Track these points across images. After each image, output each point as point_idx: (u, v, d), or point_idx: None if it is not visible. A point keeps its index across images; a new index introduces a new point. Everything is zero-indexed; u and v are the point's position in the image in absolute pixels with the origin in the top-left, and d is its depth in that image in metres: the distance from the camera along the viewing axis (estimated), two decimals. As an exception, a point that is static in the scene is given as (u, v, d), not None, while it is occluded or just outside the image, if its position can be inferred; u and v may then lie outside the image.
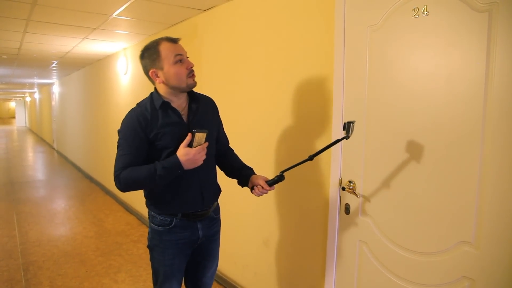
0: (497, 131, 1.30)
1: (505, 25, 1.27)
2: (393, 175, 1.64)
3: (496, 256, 1.33)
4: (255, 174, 1.77)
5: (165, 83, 1.59)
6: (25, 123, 26.34)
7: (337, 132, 1.87)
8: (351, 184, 1.81)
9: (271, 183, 1.65)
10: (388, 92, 1.64)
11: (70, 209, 5.26)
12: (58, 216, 4.91)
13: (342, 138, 1.51)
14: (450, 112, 1.43)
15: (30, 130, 21.75)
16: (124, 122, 1.59)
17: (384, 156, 1.67)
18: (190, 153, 1.50)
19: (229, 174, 1.86)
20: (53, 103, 11.80)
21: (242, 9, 2.60)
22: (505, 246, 1.30)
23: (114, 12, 3.06)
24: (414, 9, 1.52)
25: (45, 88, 13.71)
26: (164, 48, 1.56)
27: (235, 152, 1.95)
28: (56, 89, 11.05)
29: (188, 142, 1.51)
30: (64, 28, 3.68)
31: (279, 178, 1.63)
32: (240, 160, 1.89)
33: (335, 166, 1.90)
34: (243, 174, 1.77)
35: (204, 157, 1.55)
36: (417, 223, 1.55)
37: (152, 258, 1.72)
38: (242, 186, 1.79)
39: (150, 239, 1.71)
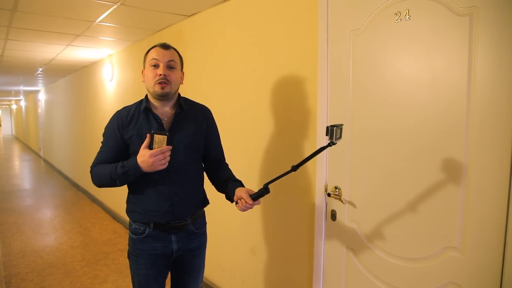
0: (481, 134, 1.30)
1: (486, 29, 1.27)
2: (378, 181, 1.62)
3: (482, 261, 1.32)
4: (242, 187, 1.63)
5: (145, 84, 1.63)
6: (11, 131, 25.97)
7: (322, 137, 1.85)
8: (337, 190, 1.80)
9: (255, 196, 1.49)
10: (372, 97, 1.63)
11: (55, 218, 5.15)
12: (43, 226, 4.80)
13: (327, 146, 1.33)
14: (434, 115, 1.42)
15: (17, 138, 21.41)
16: (108, 121, 1.66)
17: (369, 161, 1.66)
18: (145, 154, 1.46)
19: (218, 188, 1.75)
20: (39, 110, 11.64)
21: (226, 14, 2.58)
22: (491, 251, 1.29)
23: (97, 18, 3.02)
24: (396, 13, 1.52)
25: (31, 96, 13.52)
26: (151, 51, 1.60)
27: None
28: (42, 97, 10.90)
29: (147, 144, 1.48)
30: (47, 34, 3.62)
31: (263, 191, 1.47)
32: (230, 173, 1.75)
33: (320, 172, 1.88)
34: (229, 187, 1.64)
35: (163, 161, 1.48)
36: (403, 228, 1.54)
37: (130, 266, 1.71)
38: (231, 201, 1.64)
39: (128, 246, 1.71)
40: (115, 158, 1.60)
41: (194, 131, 1.66)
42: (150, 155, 1.45)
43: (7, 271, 3.38)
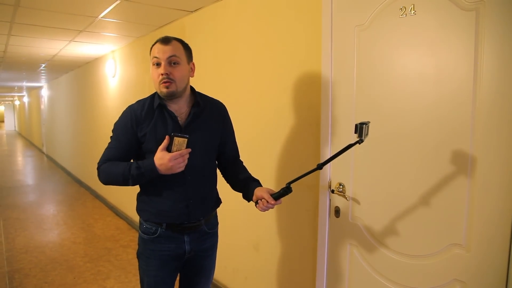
0: (487, 131, 1.29)
1: (492, 24, 1.26)
2: (382, 177, 1.61)
3: (487, 258, 1.31)
4: (260, 186, 1.60)
5: None
6: (14, 127, 26.04)
7: (325, 133, 1.84)
8: (341, 186, 1.79)
9: (277, 196, 1.46)
10: (376, 93, 1.62)
11: (58, 214, 5.17)
12: (46, 221, 4.82)
13: (356, 143, 1.29)
14: (439, 111, 1.41)
15: (20, 134, 21.47)
16: (120, 116, 1.57)
17: (373, 158, 1.65)
18: (164, 157, 1.40)
19: (234, 187, 1.70)
20: (42, 106, 11.65)
21: (229, 10, 2.56)
22: (496, 248, 1.28)
23: (100, 14, 3.01)
24: (401, 9, 1.51)
25: (34, 92, 13.54)
26: (153, 48, 1.51)
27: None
28: (45, 93, 10.91)
29: (165, 146, 1.41)
30: (50, 30, 3.61)
31: (286, 190, 1.45)
32: (247, 172, 1.71)
33: (324, 169, 1.87)
34: (246, 187, 1.60)
35: (182, 165, 1.42)
36: (408, 225, 1.53)
37: (139, 266, 1.64)
38: (248, 201, 1.61)
39: (138, 246, 1.64)
40: (126, 155, 1.53)
41: (211, 130, 1.61)
42: (170, 159, 1.39)
43: (11, 266, 3.39)
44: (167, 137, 1.41)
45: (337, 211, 1.81)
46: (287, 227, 2.18)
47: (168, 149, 1.41)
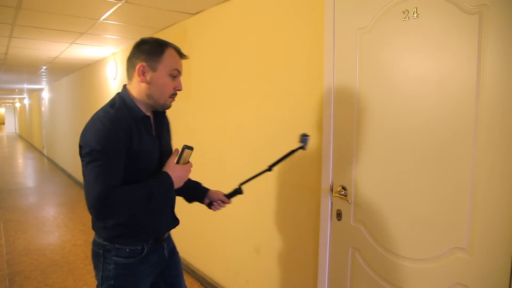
0: (490, 134, 1.28)
1: (496, 27, 1.25)
2: (385, 180, 1.61)
3: (490, 262, 1.30)
4: (206, 188, 1.65)
5: (148, 86, 1.35)
6: (15, 129, 26.04)
7: (328, 136, 1.84)
8: (343, 189, 1.78)
9: (230, 196, 1.60)
10: (378, 96, 1.61)
11: (59, 216, 5.16)
12: (47, 224, 4.81)
13: (298, 148, 1.53)
14: (441, 115, 1.40)
15: (20, 137, 21.48)
16: (101, 130, 1.23)
17: (376, 161, 1.64)
18: (181, 169, 1.35)
19: (180, 192, 1.62)
20: (43, 109, 11.67)
21: (231, 12, 2.57)
22: (499, 252, 1.28)
23: (102, 16, 3.01)
24: (404, 12, 1.50)
25: (35, 94, 13.55)
26: (169, 54, 1.36)
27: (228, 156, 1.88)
28: (46, 95, 10.92)
29: (176, 158, 1.37)
30: (51, 32, 3.62)
31: (237, 191, 1.59)
32: None
33: (326, 172, 1.86)
34: (198, 190, 1.63)
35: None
36: (410, 229, 1.52)
37: None
38: (190, 202, 1.65)
39: (113, 278, 1.36)
40: (121, 178, 1.27)
41: (168, 137, 1.57)
42: (186, 170, 1.38)
43: (11, 269, 3.38)
44: (176, 149, 1.39)
45: (338, 214, 1.81)
46: (288, 230, 2.18)
47: (177, 161, 1.38)
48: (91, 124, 1.28)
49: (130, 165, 1.29)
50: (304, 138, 1.54)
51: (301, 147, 1.54)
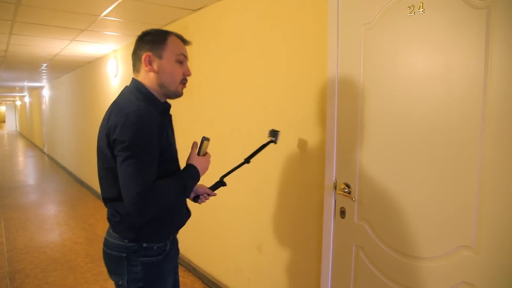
0: (497, 132, 1.26)
1: (504, 22, 1.23)
2: (390, 177, 1.59)
3: (497, 260, 1.28)
4: None
5: (157, 75, 1.34)
6: (16, 127, 26.05)
7: (331, 133, 1.82)
8: (347, 187, 1.76)
9: (214, 188, 1.65)
10: (383, 92, 1.59)
11: (59, 214, 5.15)
12: (47, 221, 4.80)
13: (269, 142, 1.79)
14: (448, 111, 1.38)
15: (21, 135, 21.47)
16: (138, 124, 1.20)
17: (381, 158, 1.62)
18: (205, 160, 1.43)
19: None
20: (44, 106, 11.65)
21: (233, 9, 2.54)
22: (507, 250, 1.26)
23: (102, 12, 2.99)
24: (409, 7, 1.48)
25: (35, 92, 13.53)
26: (172, 41, 1.37)
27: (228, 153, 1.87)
28: (46, 93, 10.90)
29: (197, 150, 1.43)
30: (52, 29, 3.59)
31: (220, 183, 1.67)
32: None
33: (329, 169, 1.84)
34: None
35: None
36: (415, 227, 1.50)
37: None
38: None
39: (142, 280, 1.34)
40: (156, 173, 1.26)
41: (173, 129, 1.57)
42: (208, 161, 1.44)
43: (11, 267, 3.37)
44: (195, 142, 1.44)
45: (342, 212, 1.79)
46: (290, 228, 2.16)
47: (198, 153, 1.44)
48: (124, 118, 1.21)
49: (161, 158, 1.28)
50: (274, 132, 1.80)
51: (272, 141, 1.82)
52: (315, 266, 1.99)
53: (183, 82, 1.40)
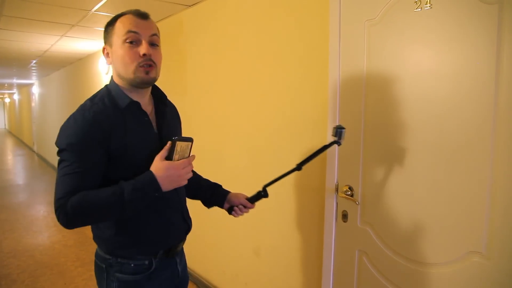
0: (510, 132, 1.21)
1: (518, 18, 1.17)
2: (395, 179, 1.53)
3: (509, 267, 1.23)
4: (227, 191, 1.47)
5: (113, 66, 1.21)
6: (4, 125, 25.71)
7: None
8: (349, 189, 1.70)
9: (253, 200, 1.41)
10: (388, 92, 1.53)
11: (49, 215, 5.03)
12: (36, 223, 4.68)
13: (332, 143, 1.31)
14: (456, 112, 1.32)
15: (10, 133, 21.17)
16: (72, 127, 1.11)
17: (385, 160, 1.56)
18: (171, 167, 1.10)
19: (195, 194, 1.48)
20: (33, 104, 11.48)
21: (230, 4, 2.46)
22: (520, 257, 1.20)
23: (93, 7, 2.90)
24: (416, 2, 1.42)
25: (25, 89, 13.33)
26: (120, 21, 1.17)
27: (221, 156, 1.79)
28: (36, 90, 10.75)
29: (166, 153, 1.12)
30: (40, 24, 3.49)
31: (261, 194, 1.39)
32: (202, 177, 1.54)
33: (330, 171, 1.78)
34: (217, 193, 1.45)
35: (190, 174, 1.17)
36: (422, 231, 1.44)
37: None
38: (209, 207, 1.48)
39: None
40: (97, 180, 1.12)
41: (177, 130, 1.41)
42: (178, 167, 1.11)
43: (-2, 270, 3.26)
44: (168, 142, 1.13)
45: (344, 215, 1.73)
46: (290, 232, 2.09)
47: (169, 157, 1.13)
48: (65, 121, 1.16)
49: (115, 162, 1.14)
50: (338, 131, 1.28)
51: (336, 142, 1.30)
52: (316, 271, 1.93)
53: (142, 64, 1.15)
